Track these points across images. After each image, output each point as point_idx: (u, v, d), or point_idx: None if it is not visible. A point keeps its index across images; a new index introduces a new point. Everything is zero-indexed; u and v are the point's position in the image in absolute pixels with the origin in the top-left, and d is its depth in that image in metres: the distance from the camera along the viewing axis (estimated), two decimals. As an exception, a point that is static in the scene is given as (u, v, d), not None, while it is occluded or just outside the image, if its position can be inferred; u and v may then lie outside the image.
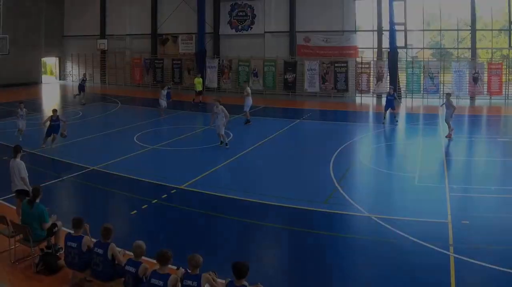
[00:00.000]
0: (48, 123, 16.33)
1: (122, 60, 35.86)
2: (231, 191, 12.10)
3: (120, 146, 13.12)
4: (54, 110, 16.46)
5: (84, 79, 28.08)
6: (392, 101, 21.36)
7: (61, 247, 7.88)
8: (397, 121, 21.76)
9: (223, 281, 6.20)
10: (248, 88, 22.92)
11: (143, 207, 11.01)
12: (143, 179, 13.17)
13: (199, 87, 27.33)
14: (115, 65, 36.23)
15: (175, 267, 6.69)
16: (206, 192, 12.17)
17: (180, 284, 6.04)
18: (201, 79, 28.02)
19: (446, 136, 17.69)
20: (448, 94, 18.87)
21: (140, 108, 27.50)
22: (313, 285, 7.76)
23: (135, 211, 10.84)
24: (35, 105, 26.68)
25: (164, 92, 23.87)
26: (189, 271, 6.11)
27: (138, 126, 20.70)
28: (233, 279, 5.83)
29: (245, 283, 5.81)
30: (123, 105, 27.58)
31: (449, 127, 17.86)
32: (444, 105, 18.68)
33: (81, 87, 26.92)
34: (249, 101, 21.85)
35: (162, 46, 34.38)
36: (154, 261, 6.46)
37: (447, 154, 16.41)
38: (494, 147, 16.96)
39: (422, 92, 29.85)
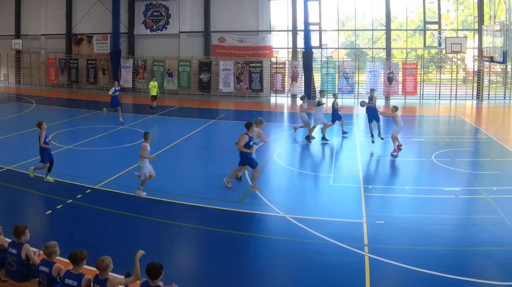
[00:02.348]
0: None
1: (37, 60, 34.93)
2: (146, 191, 11.83)
3: (35, 146, 12.62)
4: None
5: None
6: (375, 111, 17.64)
7: None
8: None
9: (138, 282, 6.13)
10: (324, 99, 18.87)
11: (58, 207, 10.86)
12: (58, 179, 12.88)
13: (154, 92, 24.64)
14: (30, 65, 35.29)
15: (91, 267, 6.56)
16: (121, 192, 12.04)
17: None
18: (156, 83, 25.36)
19: (391, 153, 15.59)
20: (395, 108, 15.97)
21: (55, 108, 26.65)
22: (228, 285, 7.69)
23: (50, 211, 10.68)
24: None
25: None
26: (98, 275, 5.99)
27: (53, 126, 19.83)
28: (148, 279, 5.78)
29: (160, 283, 5.79)
30: (38, 105, 26.69)
31: (395, 142, 15.73)
32: (395, 121, 15.94)
33: None
34: (319, 114, 17.78)
35: (77, 46, 33.59)
36: (68, 261, 6.30)
37: (362, 154, 16.17)
38: (408, 147, 16.70)
39: (337, 92, 29.64)
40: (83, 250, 6.18)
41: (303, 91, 29.77)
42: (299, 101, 17.77)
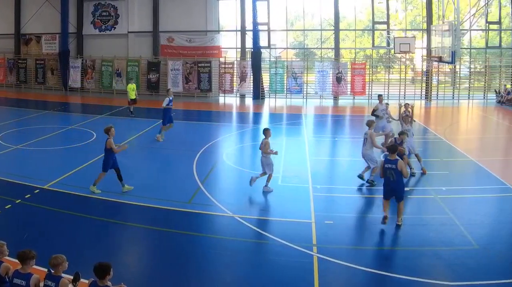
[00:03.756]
0: None
1: (-15, 61, 34.51)
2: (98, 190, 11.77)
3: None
4: None
5: None
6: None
7: None
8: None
9: (87, 282, 6.05)
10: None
11: (7, 207, 10.75)
12: (7, 179, 12.72)
13: (132, 95, 23.08)
14: (-22, 65, 34.81)
15: (40, 268, 6.58)
16: (69, 192, 11.91)
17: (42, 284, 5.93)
18: (134, 86, 23.74)
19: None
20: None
21: (4, 108, 26.23)
22: (176, 285, 7.68)
23: (-2, 211, 10.64)
24: None
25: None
26: (52, 271, 5.94)
27: (2, 126, 19.80)
28: (96, 279, 5.76)
29: (108, 283, 5.77)
30: (-15, 105, 26.43)
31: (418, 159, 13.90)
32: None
33: None
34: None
35: (26, 46, 33.18)
36: (17, 261, 6.21)
37: (310, 154, 16.08)
38: (357, 147, 16.55)
39: (285, 92, 29.65)
40: (31, 249, 6.11)
41: (251, 91, 29.79)
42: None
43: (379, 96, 16.94)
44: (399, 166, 9.40)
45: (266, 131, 12.18)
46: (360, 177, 12.60)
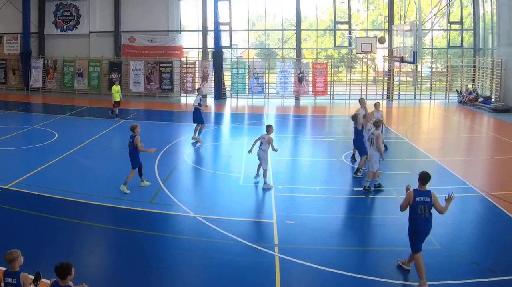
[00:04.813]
0: None
1: None
2: (56, 191, 11.73)
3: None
4: None
5: None
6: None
7: None
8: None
9: (48, 282, 6.00)
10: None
11: None
12: None
13: (117, 97, 22.35)
14: None
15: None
16: (31, 192, 11.80)
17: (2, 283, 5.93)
18: (119, 87, 22.91)
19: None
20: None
21: None
22: (138, 285, 7.64)
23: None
24: None
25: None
26: (9, 268, 5.95)
27: None
28: (58, 279, 5.73)
29: (70, 283, 5.77)
30: None
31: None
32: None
33: None
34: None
35: (-13, 47, 33.18)
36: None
37: (272, 154, 15.91)
38: (318, 147, 16.69)
39: (247, 92, 29.66)
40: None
41: (213, 91, 29.78)
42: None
43: (361, 99, 15.97)
44: (434, 199, 7.48)
45: (269, 127, 12.41)
46: (367, 189, 11.90)
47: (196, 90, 19.18)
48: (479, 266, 8.13)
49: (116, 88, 22.78)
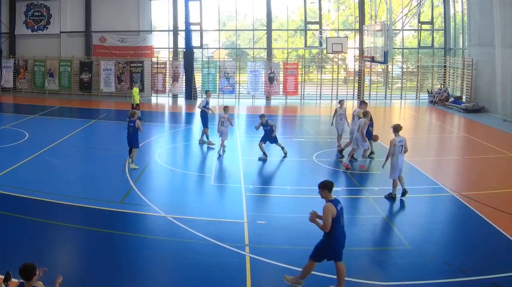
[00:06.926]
0: None
1: None
2: (27, 191, 11.64)
3: None
4: None
5: None
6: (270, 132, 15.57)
7: None
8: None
9: (16, 281, 5.95)
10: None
11: None
12: None
13: (137, 99, 21.76)
14: None
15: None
16: (1, 192, 11.67)
17: None
18: (138, 90, 22.45)
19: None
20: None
21: None
22: (108, 285, 7.62)
23: None
24: None
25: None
26: None
27: None
28: (23, 281, 5.57)
29: (36, 283, 5.61)
30: None
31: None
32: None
33: None
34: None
35: (-42, 47, 33.04)
36: None
37: (243, 154, 16.11)
38: (289, 147, 16.61)
39: (218, 92, 29.68)
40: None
41: (184, 91, 29.81)
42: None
43: (340, 101, 17.19)
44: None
45: (226, 108, 15.99)
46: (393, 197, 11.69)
47: (205, 92, 19.20)
48: (449, 266, 8.15)
49: (136, 90, 22.35)
